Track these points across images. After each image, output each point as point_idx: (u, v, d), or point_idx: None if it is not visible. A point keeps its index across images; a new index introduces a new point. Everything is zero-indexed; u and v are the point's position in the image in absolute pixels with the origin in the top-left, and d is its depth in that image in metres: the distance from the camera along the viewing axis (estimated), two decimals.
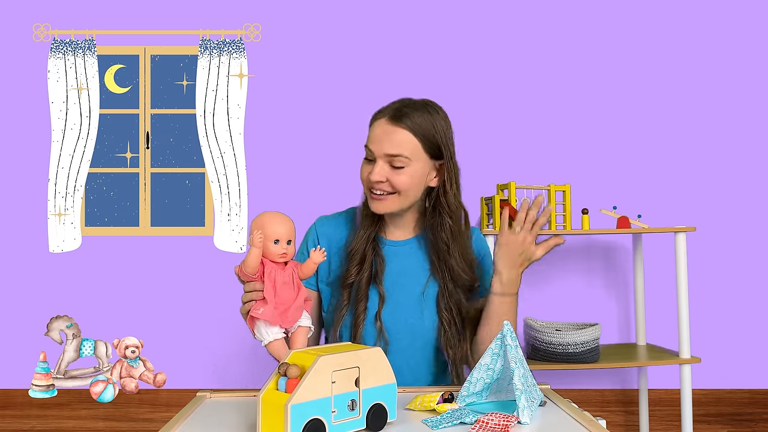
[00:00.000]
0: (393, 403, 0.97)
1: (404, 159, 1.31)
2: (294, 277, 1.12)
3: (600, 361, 2.15)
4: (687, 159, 2.60)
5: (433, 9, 2.62)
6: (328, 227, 1.48)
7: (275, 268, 1.11)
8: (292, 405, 0.83)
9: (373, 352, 0.95)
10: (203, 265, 2.56)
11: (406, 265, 1.42)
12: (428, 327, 1.38)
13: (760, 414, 2.54)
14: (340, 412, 0.90)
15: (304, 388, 0.85)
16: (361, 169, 1.37)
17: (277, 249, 1.10)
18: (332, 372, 0.89)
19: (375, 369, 0.95)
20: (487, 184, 2.40)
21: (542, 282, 2.58)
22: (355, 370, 0.92)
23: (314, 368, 0.86)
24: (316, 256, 1.15)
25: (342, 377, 0.90)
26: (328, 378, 0.88)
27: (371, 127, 1.36)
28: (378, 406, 0.94)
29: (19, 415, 2.49)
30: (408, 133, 1.31)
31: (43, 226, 2.56)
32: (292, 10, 2.62)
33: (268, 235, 1.09)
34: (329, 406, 0.88)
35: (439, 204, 1.38)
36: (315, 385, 0.87)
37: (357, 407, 0.92)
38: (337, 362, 0.90)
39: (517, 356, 1.03)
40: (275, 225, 1.11)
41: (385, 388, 0.96)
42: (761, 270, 2.58)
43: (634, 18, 2.62)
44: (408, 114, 1.32)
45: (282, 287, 1.09)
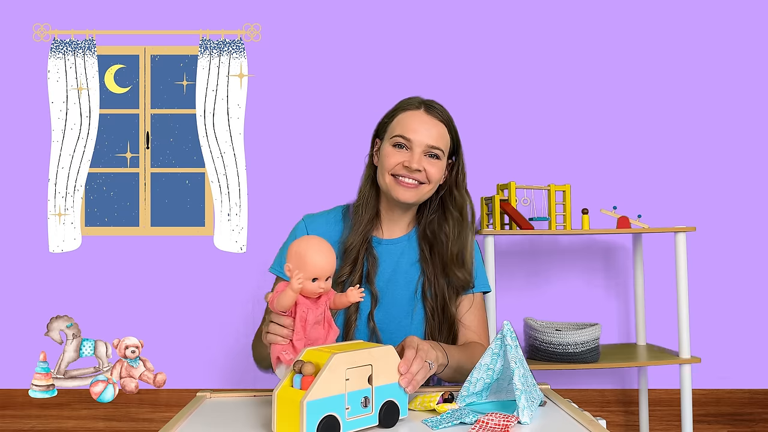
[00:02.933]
0: (404, 401, 0.99)
1: (440, 152, 1.38)
2: (326, 313, 1.05)
3: (600, 361, 2.14)
4: (687, 159, 2.60)
5: (434, 9, 2.62)
6: (318, 224, 1.47)
7: (308, 304, 1.02)
8: (307, 401, 0.85)
9: (385, 351, 0.97)
10: (203, 265, 2.56)
11: (399, 263, 1.42)
12: (417, 321, 1.38)
13: (760, 414, 2.54)
14: (353, 409, 0.91)
15: (319, 385, 0.87)
16: (387, 155, 1.38)
17: (314, 287, 1.01)
18: (346, 369, 0.90)
19: (387, 367, 0.96)
20: (487, 184, 2.40)
21: (542, 282, 2.58)
22: (368, 368, 0.93)
23: (329, 366, 0.88)
24: (353, 296, 1.05)
25: (355, 375, 0.92)
26: (342, 375, 0.90)
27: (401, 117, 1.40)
28: (390, 404, 0.96)
29: (19, 415, 2.49)
30: (444, 128, 1.40)
31: (43, 226, 2.56)
32: (292, 10, 2.62)
33: (309, 272, 0.99)
34: (343, 402, 0.90)
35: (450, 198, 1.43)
36: (329, 382, 0.88)
37: (370, 404, 0.93)
38: (351, 360, 0.91)
39: (517, 356, 1.03)
40: (318, 260, 1.00)
41: (396, 386, 0.98)
42: (761, 270, 2.58)
43: (634, 18, 2.62)
44: (441, 110, 1.41)
45: (313, 327, 1.03)
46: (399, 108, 1.42)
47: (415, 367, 1.03)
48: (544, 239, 2.58)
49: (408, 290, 1.40)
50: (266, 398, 1.16)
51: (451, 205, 1.42)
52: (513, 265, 2.57)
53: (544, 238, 2.58)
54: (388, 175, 1.38)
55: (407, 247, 1.44)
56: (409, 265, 1.42)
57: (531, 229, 2.15)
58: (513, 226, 2.20)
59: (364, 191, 1.44)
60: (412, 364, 1.03)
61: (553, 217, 2.23)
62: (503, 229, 2.17)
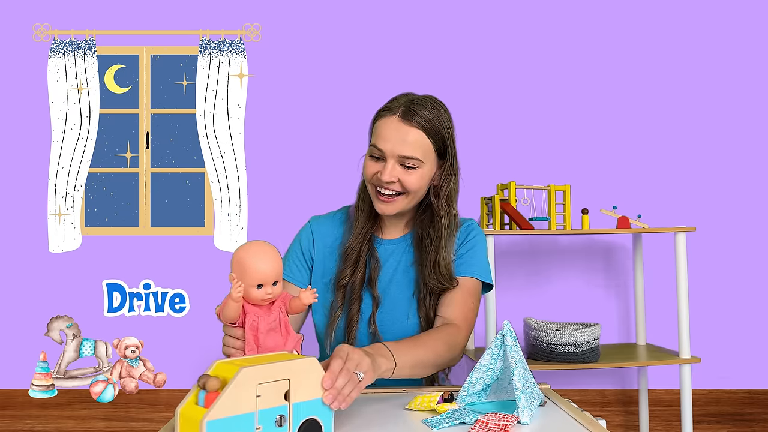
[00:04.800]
0: (329, 418, 0.89)
1: (416, 161, 1.29)
2: (281, 319, 0.98)
3: (600, 361, 2.14)
4: (687, 159, 2.60)
5: (433, 9, 2.62)
6: (323, 226, 1.46)
7: (259, 312, 0.97)
8: (208, 421, 0.77)
9: (307, 363, 0.88)
10: (203, 265, 2.56)
11: (400, 264, 1.41)
12: (412, 323, 1.37)
13: (760, 414, 2.54)
14: (265, 429, 0.82)
15: (223, 403, 0.78)
16: (365, 165, 1.34)
17: (260, 294, 0.95)
18: (257, 385, 0.81)
19: (309, 381, 0.87)
20: (487, 184, 2.40)
21: (542, 282, 2.58)
22: (285, 383, 0.84)
23: (235, 381, 0.79)
24: (306, 297, 1.00)
25: (269, 390, 0.82)
26: (252, 391, 0.81)
27: (378, 124, 1.32)
28: (311, 422, 0.87)
29: (19, 415, 2.49)
30: (421, 134, 1.29)
31: (43, 226, 2.56)
32: (292, 10, 2.62)
33: (251, 278, 0.94)
34: (253, 422, 0.81)
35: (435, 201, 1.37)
36: (235, 399, 0.79)
37: (286, 423, 0.84)
38: (263, 374, 0.82)
39: (517, 356, 1.03)
40: (260, 266, 0.94)
41: (320, 402, 0.88)
42: (761, 270, 2.58)
43: (633, 18, 2.62)
44: (419, 112, 1.29)
45: (267, 335, 0.96)
46: (380, 112, 1.35)
47: (341, 380, 0.91)
48: (544, 239, 2.58)
49: (408, 291, 1.40)
50: None
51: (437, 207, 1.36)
52: (513, 265, 2.57)
53: (544, 238, 2.58)
54: (370, 185, 1.35)
55: (407, 247, 1.43)
56: (408, 266, 1.42)
57: (531, 229, 2.15)
58: (513, 226, 2.20)
59: (360, 191, 1.43)
60: (337, 378, 0.91)
61: (553, 217, 2.23)
62: (503, 229, 2.17)
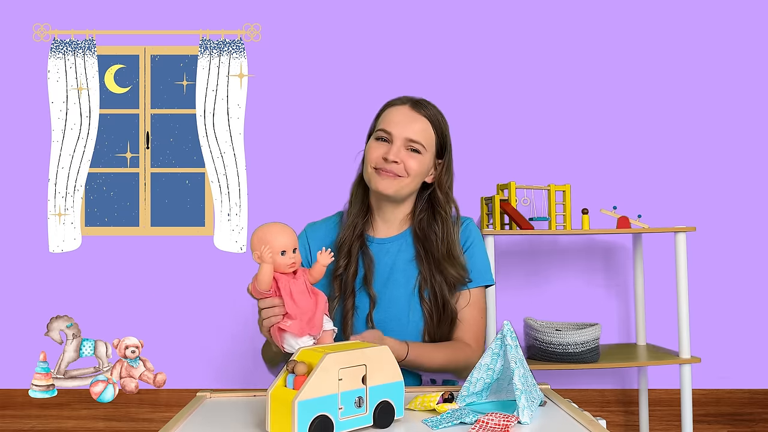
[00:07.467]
0: (400, 401, 0.99)
1: (421, 146, 1.40)
2: (307, 284, 1.11)
3: (600, 361, 2.14)
4: (687, 159, 2.60)
5: (433, 9, 2.62)
6: (318, 231, 1.52)
7: (288, 279, 1.09)
8: (299, 401, 0.85)
9: (380, 351, 0.97)
10: (203, 265, 2.56)
11: (396, 261, 1.43)
12: (416, 319, 1.39)
13: (760, 414, 2.54)
14: (347, 409, 0.91)
15: (311, 385, 0.87)
16: (369, 149, 1.42)
17: (285, 260, 1.09)
18: (339, 369, 0.90)
19: (382, 367, 0.96)
20: (487, 184, 2.40)
21: (542, 282, 2.58)
22: (362, 368, 0.93)
23: (321, 365, 0.88)
24: (323, 258, 1.13)
25: (349, 375, 0.92)
26: (334, 375, 0.90)
27: (386, 112, 1.43)
28: (385, 404, 0.96)
29: (19, 415, 2.49)
30: (428, 124, 1.41)
31: (43, 226, 2.56)
32: (292, 10, 2.62)
33: (275, 248, 1.07)
34: (336, 402, 0.90)
35: (435, 198, 1.45)
36: (322, 382, 0.88)
37: (364, 404, 0.93)
38: (344, 360, 0.91)
39: (517, 356, 1.03)
40: (279, 236, 1.09)
41: (392, 386, 0.97)
42: (761, 270, 2.58)
43: (633, 18, 2.62)
44: (427, 106, 1.43)
45: (300, 297, 1.08)
46: (386, 105, 1.46)
47: None
48: (544, 239, 2.58)
49: (407, 288, 1.40)
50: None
51: (437, 205, 1.45)
52: (513, 265, 2.57)
53: (544, 238, 2.58)
54: (370, 168, 1.41)
55: (404, 244, 1.45)
56: (406, 263, 1.43)
57: (531, 229, 2.15)
58: (513, 226, 2.20)
59: (354, 188, 1.51)
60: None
61: (553, 217, 2.23)
62: (503, 229, 2.17)
